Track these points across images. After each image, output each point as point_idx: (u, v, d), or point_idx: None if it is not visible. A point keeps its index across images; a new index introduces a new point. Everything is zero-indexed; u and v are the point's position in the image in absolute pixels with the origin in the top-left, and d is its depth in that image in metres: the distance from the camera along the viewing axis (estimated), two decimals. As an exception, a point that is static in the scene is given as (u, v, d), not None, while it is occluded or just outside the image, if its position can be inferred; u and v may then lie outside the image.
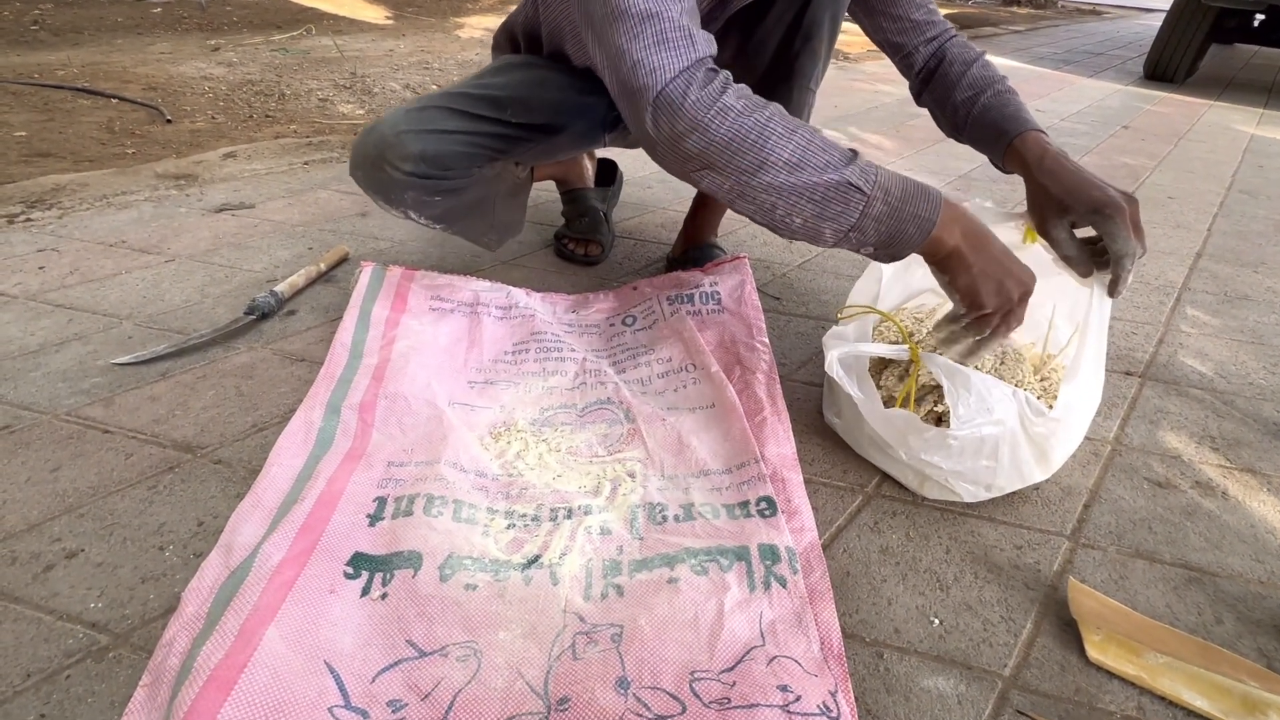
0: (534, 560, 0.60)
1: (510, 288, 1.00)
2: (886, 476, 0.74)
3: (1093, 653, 0.56)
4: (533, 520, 0.64)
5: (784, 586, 0.57)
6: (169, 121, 1.92)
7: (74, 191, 1.39)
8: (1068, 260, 0.73)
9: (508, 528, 0.63)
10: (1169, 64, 3.49)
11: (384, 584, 0.56)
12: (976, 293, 0.65)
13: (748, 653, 0.52)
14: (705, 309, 0.95)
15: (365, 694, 0.49)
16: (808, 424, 0.82)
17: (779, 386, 0.81)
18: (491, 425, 0.76)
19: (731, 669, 0.51)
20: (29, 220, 1.26)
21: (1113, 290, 0.71)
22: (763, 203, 0.62)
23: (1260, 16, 3.65)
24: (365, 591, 0.56)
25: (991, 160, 0.85)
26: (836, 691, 0.49)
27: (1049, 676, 0.54)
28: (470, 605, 0.55)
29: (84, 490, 0.67)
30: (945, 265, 0.66)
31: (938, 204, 0.64)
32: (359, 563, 0.58)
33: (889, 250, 0.65)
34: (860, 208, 0.62)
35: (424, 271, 1.00)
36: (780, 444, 0.73)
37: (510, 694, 0.49)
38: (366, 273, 0.98)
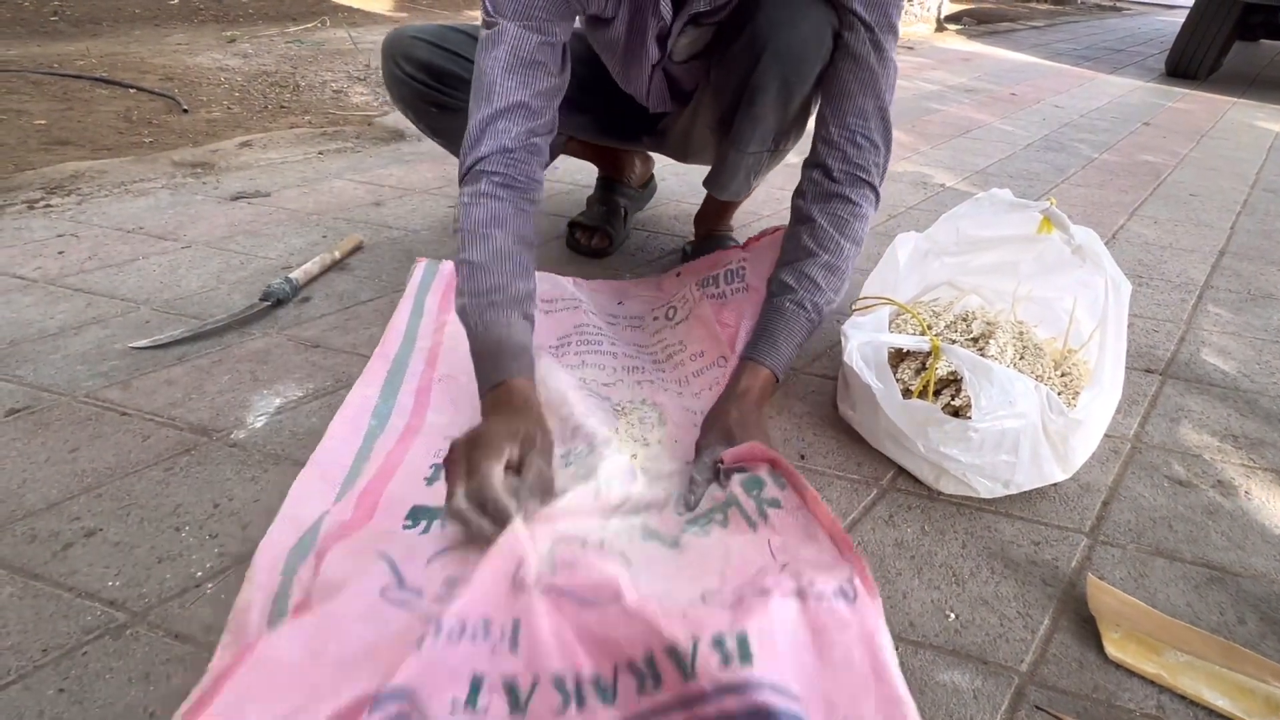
0: (584, 479, 0.62)
1: (557, 276, 1.01)
2: (902, 470, 0.73)
3: (1112, 650, 0.55)
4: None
5: (779, 508, 0.58)
6: (185, 111, 1.94)
7: (92, 179, 1.40)
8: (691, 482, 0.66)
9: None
10: (1192, 60, 3.43)
11: (443, 525, 0.59)
12: None
13: (759, 570, 0.52)
14: (729, 289, 0.93)
15: (419, 575, 0.51)
16: (822, 417, 0.82)
17: None
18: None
19: (744, 584, 0.50)
20: (48, 206, 1.28)
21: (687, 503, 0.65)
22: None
23: (1287, 13, 3.57)
24: (425, 532, 0.58)
25: None
26: (854, 578, 0.48)
27: (1067, 673, 0.54)
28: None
29: (102, 471, 0.68)
30: None
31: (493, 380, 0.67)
32: (417, 514, 0.61)
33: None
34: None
35: None
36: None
37: (525, 546, 0.51)
38: (421, 267, 1.02)
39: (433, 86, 0.97)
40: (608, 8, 0.82)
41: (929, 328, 0.76)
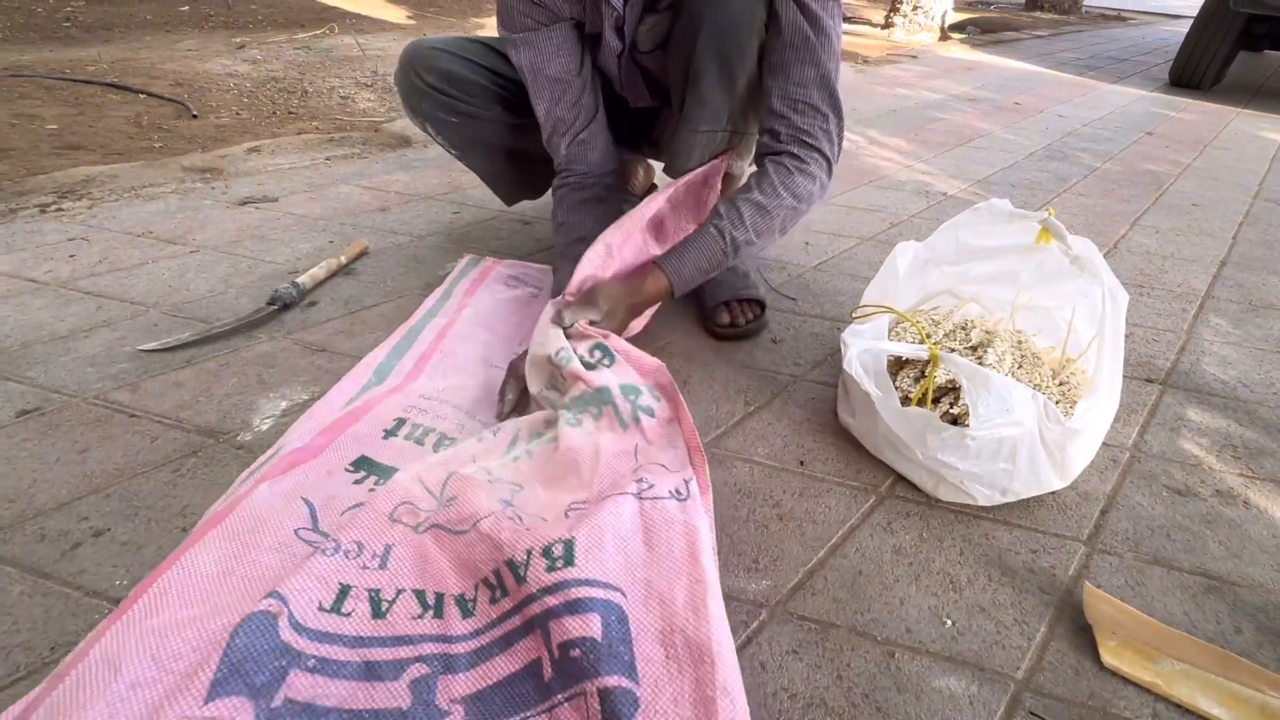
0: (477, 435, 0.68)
1: (530, 264, 1.09)
2: (900, 478, 0.74)
3: (1107, 658, 0.55)
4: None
5: (651, 416, 0.64)
6: (195, 117, 1.96)
7: (103, 183, 1.42)
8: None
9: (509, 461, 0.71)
10: (1195, 71, 3.43)
11: (376, 484, 0.64)
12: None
13: (619, 476, 0.59)
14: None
15: (332, 523, 0.57)
16: (822, 424, 0.82)
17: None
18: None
19: (605, 492, 0.57)
20: (60, 210, 1.29)
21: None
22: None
23: (1291, 23, 3.57)
24: (358, 483, 0.64)
25: None
26: (690, 479, 0.55)
27: (1062, 680, 0.54)
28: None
29: (111, 472, 0.69)
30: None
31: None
32: (361, 464, 0.66)
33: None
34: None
35: (511, 261, 1.11)
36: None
37: (410, 489, 0.57)
38: (464, 261, 1.10)
39: (454, 95, 0.98)
40: (564, 9, 0.87)
41: (927, 336, 0.77)
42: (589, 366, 0.72)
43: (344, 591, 0.48)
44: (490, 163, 1.08)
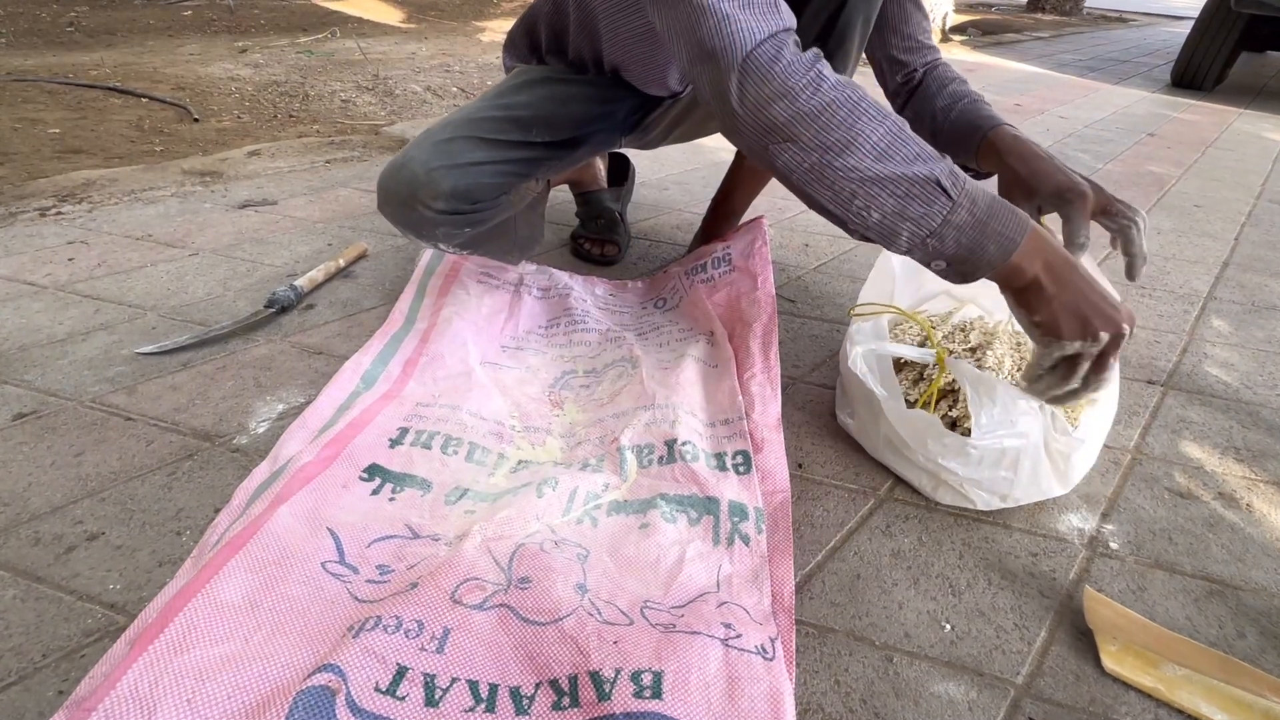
0: (526, 484, 0.66)
1: (553, 270, 1.06)
2: (899, 480, 0.73)
3: (1108, 663, 0.55)
4: (538, 465, 0.71)
5: (746, 544, 0.61)
6: (196, 120, 1.97)
7: (103, 186, 1.42)
8: None
9: (512, 472, 0.70)
10: (1197, 71, 3.42)
11: (394, 492, 0.64)
12: (1057, 327, 0.59)
13: (700, 596, 0.56)
14: (717, 273, 0.97)
15: (359, 555, 0.56)
16: (820, 426, 0.82)
17: (775, 338, 0.84)
18: (519, 384, 0.83)
19: (682, 606, 0.55)
20: (60, 213, 1.30)
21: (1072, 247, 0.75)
22: (841, 189, 0.57)
23: (1293, 24, 3.56)
24: (376, 492, 0.64)
25: (964, 162, 0.89)
26: (776, 639, 0.53)
27: (1063, 686, 0.53)
28: (466, 520, 0.62)
29: (106, 475, 0.69)
30: (1023, 297, 0.60)
31: (1025, 227, 0.58)
32: (374, 471, 0.66)
33: (964, 267, 0.59)
34: (944, 213, 0.56)
35: (476, 258, 1.07)
36: (766, 404, 0.75)
37: (476, 562, 0.55)
38: (428, 252, 1.07)
39: (468, 210, 0.85)
40: None
41: (942, 337, 0.76)
42: (721, 468, 0.67)
43: (401, 673, 0.47)
44: (500, 241, 0.98)
